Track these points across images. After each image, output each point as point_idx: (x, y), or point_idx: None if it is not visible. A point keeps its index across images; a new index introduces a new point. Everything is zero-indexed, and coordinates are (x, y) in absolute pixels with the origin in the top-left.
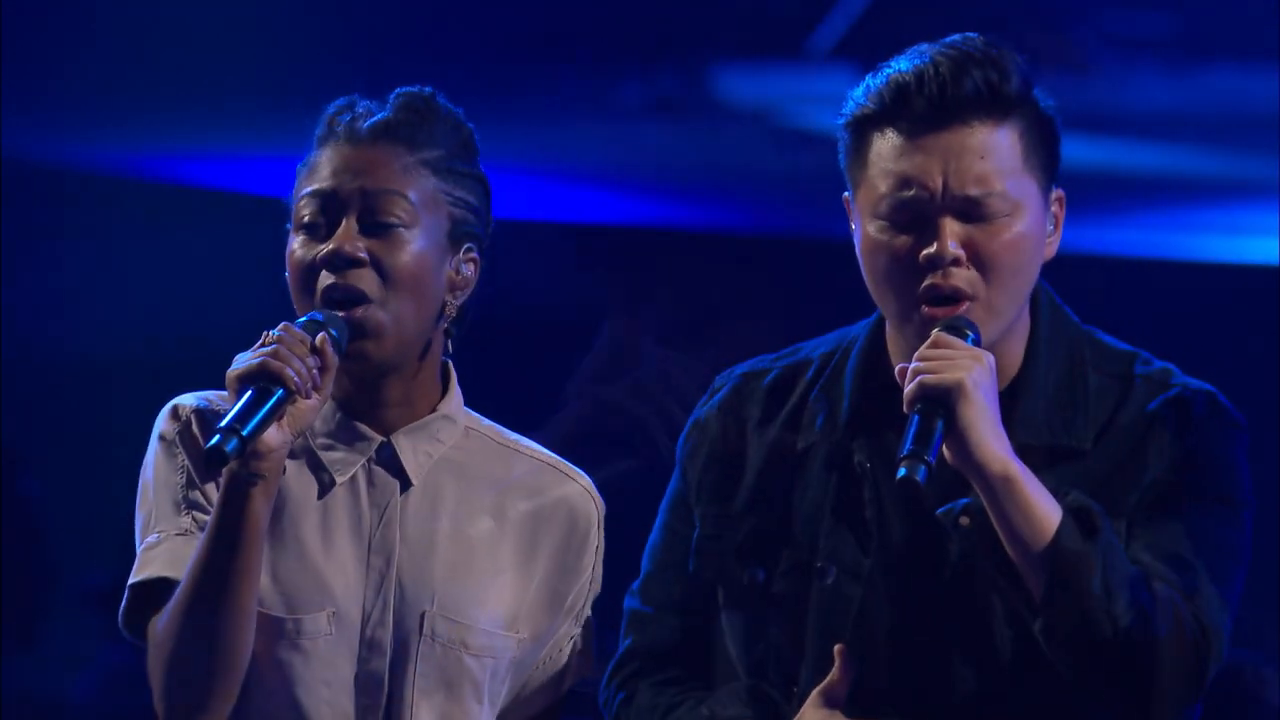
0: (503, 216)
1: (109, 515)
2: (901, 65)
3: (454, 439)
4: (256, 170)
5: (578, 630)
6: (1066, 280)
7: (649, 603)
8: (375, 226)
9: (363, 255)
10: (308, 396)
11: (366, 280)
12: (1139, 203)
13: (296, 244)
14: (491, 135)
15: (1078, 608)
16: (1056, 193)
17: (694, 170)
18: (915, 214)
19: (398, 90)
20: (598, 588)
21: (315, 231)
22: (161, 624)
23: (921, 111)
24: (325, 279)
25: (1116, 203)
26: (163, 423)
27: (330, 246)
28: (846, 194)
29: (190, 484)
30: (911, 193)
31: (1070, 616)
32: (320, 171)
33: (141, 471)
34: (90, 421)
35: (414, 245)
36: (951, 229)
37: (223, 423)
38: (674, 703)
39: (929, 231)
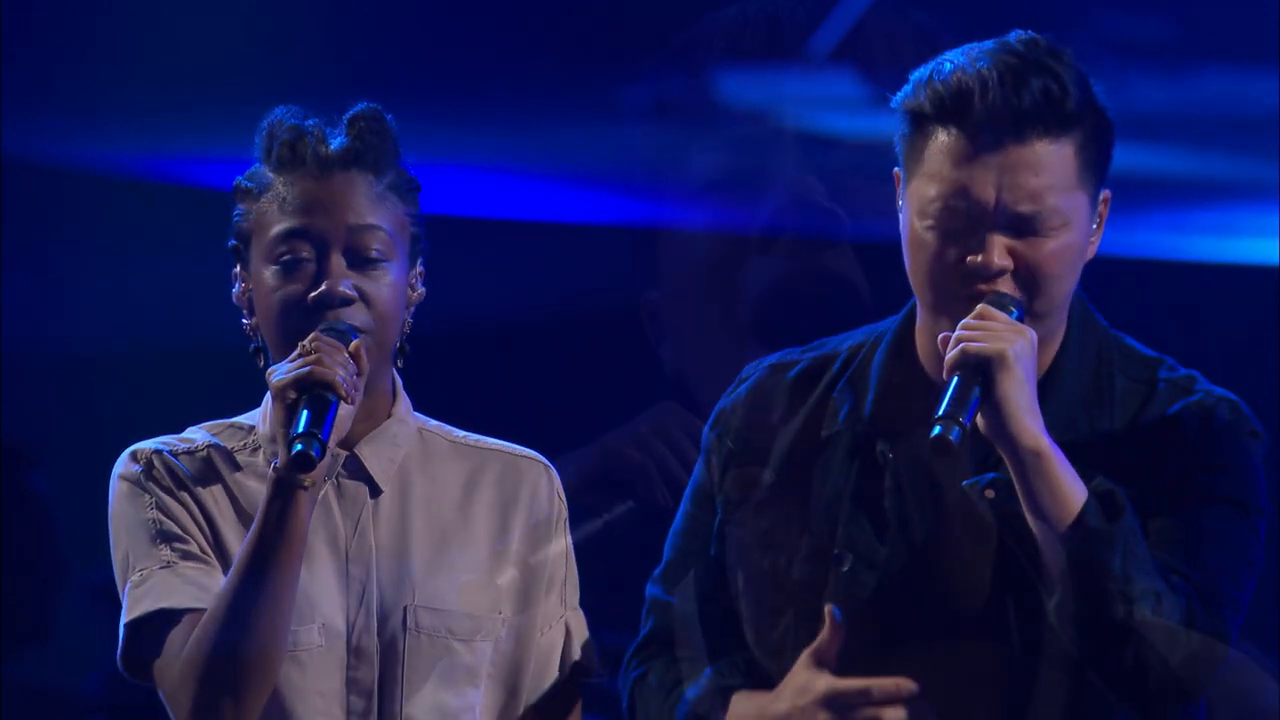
0: (503, 217)
1: None
2: (964, 64)
3: (411, 440)
4: None
5: (569, 614)
6: None
7: (669, 590)
8: (360, 261)
9: (354, 294)
10: (352, 402)
11: (358, 317)
12: (1137, 204)
13: (273, 280)
14: (491, 136)
15: (1096, 587)
16: (1104, 194)
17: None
18: (965, 224)
19: (351, 112)
20: (574, 574)
21: (295, 269)
22: (189, 647)
23: (981, 119)
24: (319, 319)
25: (1114, 205)
26: (122, 466)
27: (323, 288)
28: (898, 169)
29: (162, 517)
30: (964, 205)
31: (1087, 595)
32: (291, 205)
33: (109, 521)
34: (96, 419)
35: (392, 276)
36: (999, 243)
37: (298, 430)
38: (681, 677)
39: (976, 242)
